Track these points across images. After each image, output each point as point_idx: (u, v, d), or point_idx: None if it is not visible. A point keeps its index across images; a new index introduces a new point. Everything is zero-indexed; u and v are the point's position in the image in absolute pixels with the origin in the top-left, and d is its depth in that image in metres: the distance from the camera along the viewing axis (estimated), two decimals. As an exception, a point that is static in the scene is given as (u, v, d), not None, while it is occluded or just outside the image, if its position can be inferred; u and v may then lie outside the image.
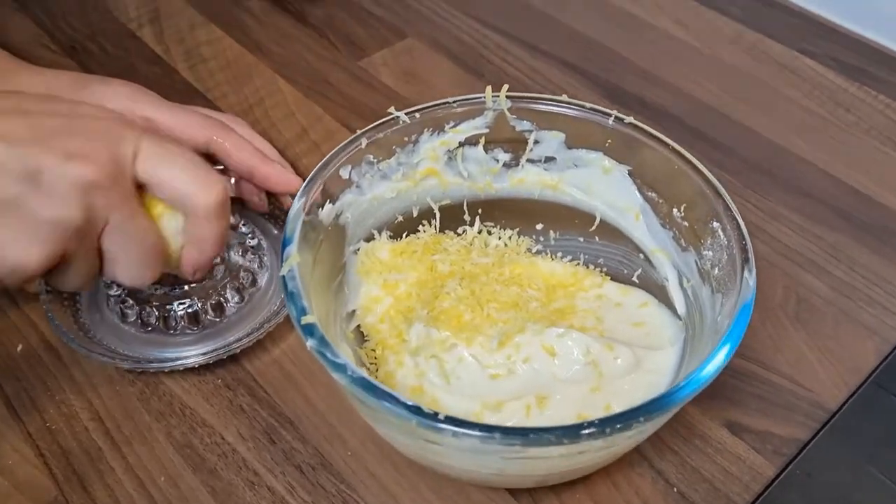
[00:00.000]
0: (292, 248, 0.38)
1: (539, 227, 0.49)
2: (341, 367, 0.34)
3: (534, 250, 0.49)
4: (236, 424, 0.46)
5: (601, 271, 0.48)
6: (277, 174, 0.51)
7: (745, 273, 0.37)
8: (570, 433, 0.32)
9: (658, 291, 0.45)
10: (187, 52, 0.69)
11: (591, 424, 0.32)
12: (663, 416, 0.34)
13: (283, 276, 0.37)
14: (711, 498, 0.42)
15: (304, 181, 0.42)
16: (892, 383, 0.47)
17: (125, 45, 0.70)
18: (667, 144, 0.43)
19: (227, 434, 0.45)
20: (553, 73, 0.67)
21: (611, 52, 0.69)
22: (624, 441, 0.35)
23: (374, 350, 0.44)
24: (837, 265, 0.53)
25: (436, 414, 0.32)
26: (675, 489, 0.43)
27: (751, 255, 0.38)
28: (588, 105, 0.45)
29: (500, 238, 0.49)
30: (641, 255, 0.46)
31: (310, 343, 0.35)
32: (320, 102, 0.65)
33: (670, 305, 0.44)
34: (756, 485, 0.43)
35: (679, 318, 0.44)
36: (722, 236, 0.40)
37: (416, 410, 0.32)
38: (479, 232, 0.49)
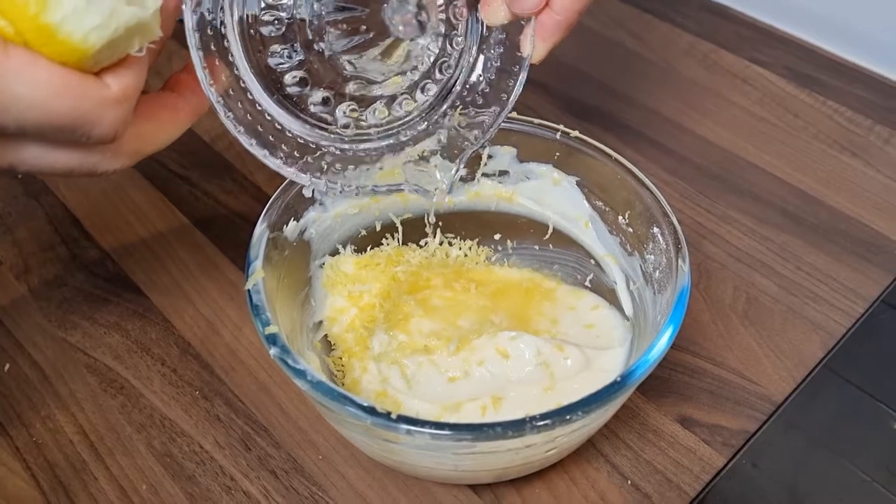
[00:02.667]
0: (257, 264, 0.40)
1: (497, 237, 0.52)
2: (301, 373, 0.36)
3: (492, 259, 0.51)
4: (213, 433, 0.48)
5: (556, 276, 0.50)
6: None
7: (680, 262, 0.40)
8: (515, 427, 0.34)
9: (609, 294, 0.48)
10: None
11: (533, 419, 0.34)
12: (603, 409, 0.36)
13: (248, 290, 0.39)
14: (664, 489, 0.45)
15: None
16: (842, 369, 0.49)
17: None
18: (609, 155, 0.45)
19: (204, 443, 0.47)
20: (516, 89, 0.69)
21: (569, 67, 0.72)
22: (569, 434, 0.38)
23: (340, 358, 0.46)
24: (785, 264, 0.56)
25: (389, 413, 0.34)
26: (629, 482, 0.45)
27: (683, 246, 0.41)
28: (536, 121, 0.47)
29: (460, 248, 0.51)
30: (593, 261, 0.49)
31: (272, 351, 0.37)
32: (292, 124, 0.67)
33: (620, 308, 0.47)
34: (705, 475, 0.45)
35: (627, 319, 0.46)
36: (661, 241, 0.42)
37: (371, 411, 0.35)
38: (441, 243, 0.52)
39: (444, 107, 0.40)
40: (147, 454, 0.47)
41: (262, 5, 0.37)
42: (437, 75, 0.40)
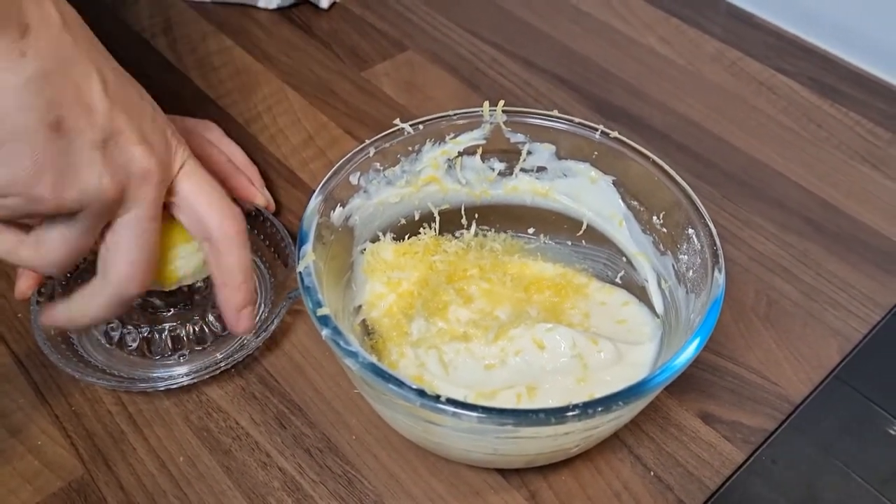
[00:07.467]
0: (308, 247, 0.42)
1: (531, 231, 0.53)
2: (353, 354, 0.38)
3: (525, 252, 0.53)
4: (249, 410, 0.49)
5: (587, 272, 0.52)
6: (244, 187, 0.54)
7: (716, 273, 0.41)
8: (557, 414, 0.36)
9: (639, 292, 0.50)
10: (199, 60, 0.73)
11: (576, 407, 0.36)
12: (639, 401, 0.38)
13: (300, 272, 0.41)
14: (685, 481, 0.46)
15: (316, 187, 0.46)
16: (852, 378, 0.51)
17: (139, 53, 0.73)
18: (647, 157, 0.47)
19: (240, 419, 0.49)
20: (545, 87, 0.71)
21: (599, 68, 0.73)
22: (605, 424, 0.39)
23: (377, 342, 0.48)
24: (806, 271, 0.57)
25: (438, 396, 0.36)
26: (652, 473, 0.47)
27: (720, 256, 0.42)
28: (577, 120, 0.49)
29: (494, 241, 0.53)
30: (624, 259, 0.50)
31: (324, 332, 0.38)
32: (325, 111, 0.68)
33: (650, 304, 0.48)
34: (726, 469, 0.47)
35: (657, 316, 0.48)
36: (696, 241, 0.44)
37: (421, 393, 0.36)
38: (476, 235, 0.53)
39: None
40: (184, 427, 0.48)
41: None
42: None
